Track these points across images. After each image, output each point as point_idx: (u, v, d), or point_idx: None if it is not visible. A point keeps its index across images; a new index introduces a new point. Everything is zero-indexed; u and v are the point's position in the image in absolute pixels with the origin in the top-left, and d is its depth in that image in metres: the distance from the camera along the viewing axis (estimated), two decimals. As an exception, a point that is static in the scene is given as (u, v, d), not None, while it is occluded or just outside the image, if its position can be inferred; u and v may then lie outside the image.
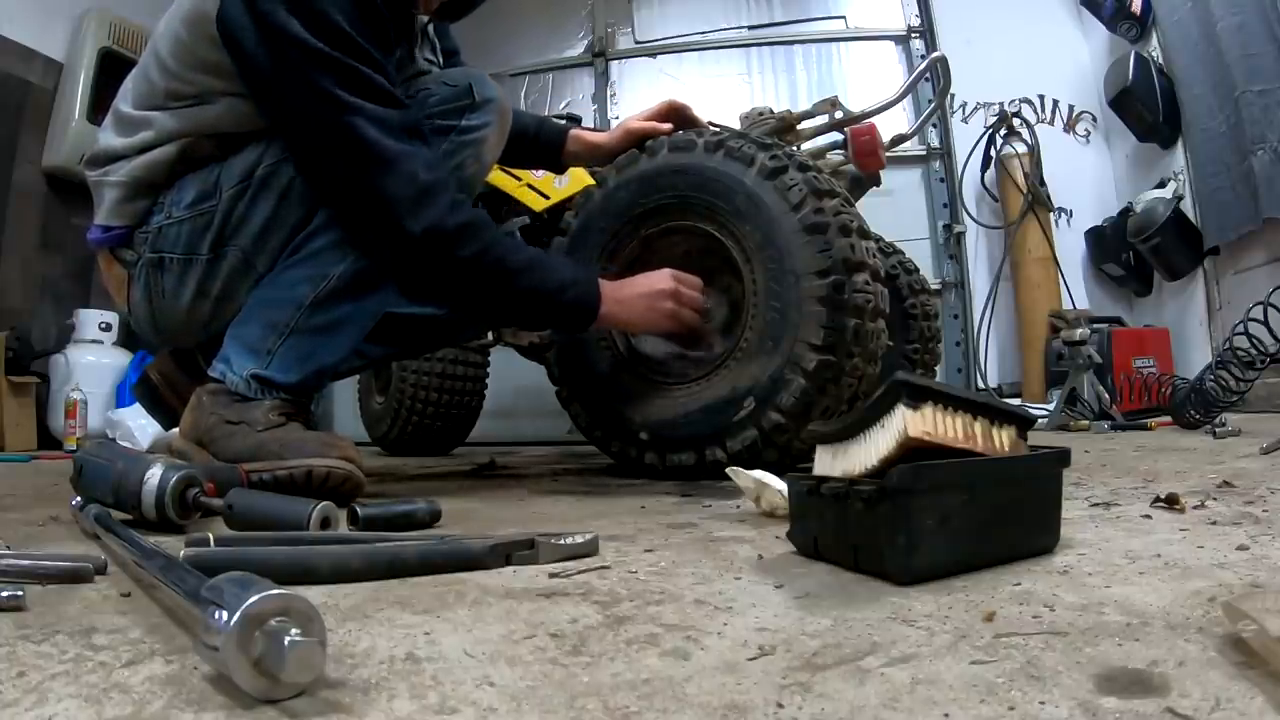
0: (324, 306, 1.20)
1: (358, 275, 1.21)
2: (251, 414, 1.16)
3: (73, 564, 0.63)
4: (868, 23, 4.12)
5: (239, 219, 1.20)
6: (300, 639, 0.37)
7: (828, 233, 1.36)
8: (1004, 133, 3.88)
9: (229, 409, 1.17)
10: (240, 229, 1.21)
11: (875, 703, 0.37)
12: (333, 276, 1.20)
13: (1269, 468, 1.23)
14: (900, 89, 1.95)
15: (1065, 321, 3.38)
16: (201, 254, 1.22)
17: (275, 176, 1.20)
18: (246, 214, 1.20)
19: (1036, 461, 0.68)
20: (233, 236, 1.21)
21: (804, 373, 1.34)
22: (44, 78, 3.28)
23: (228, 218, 1.20)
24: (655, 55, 4.21)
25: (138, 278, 1.26)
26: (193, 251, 1.22)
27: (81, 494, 0.92)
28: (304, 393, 1.24)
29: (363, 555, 0.65)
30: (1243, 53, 2.93)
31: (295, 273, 1.21)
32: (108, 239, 1.27)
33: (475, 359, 2.75)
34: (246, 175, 1.20)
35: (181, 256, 1.22)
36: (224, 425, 1.16)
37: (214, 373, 1.20)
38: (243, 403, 1.18)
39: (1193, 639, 0.43)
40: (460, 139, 1.26)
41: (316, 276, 1.19)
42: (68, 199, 3.38)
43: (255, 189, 1.20)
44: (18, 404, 3.08)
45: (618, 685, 0.40)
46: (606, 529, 0.87)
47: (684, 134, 1.57)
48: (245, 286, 1.24)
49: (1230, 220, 3.12)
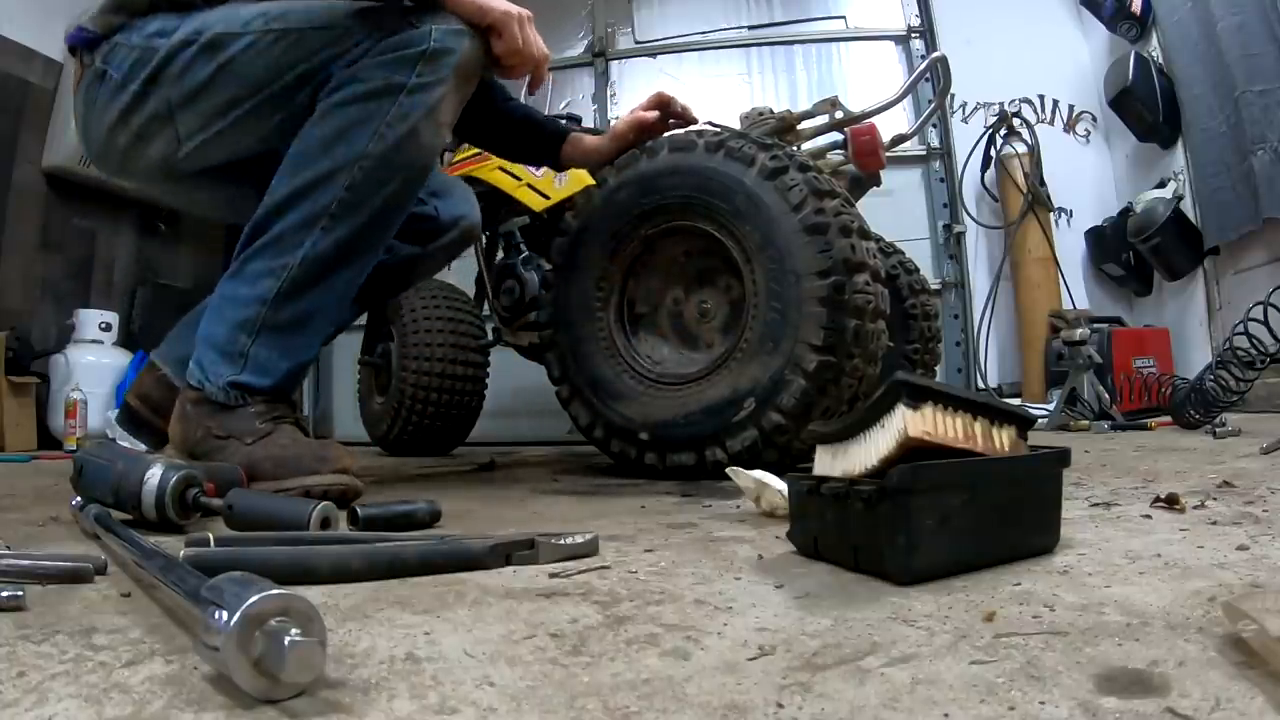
0: (291, 299, 1.18)
1: (320, 259, 1.18)
2: (238, 425, 1.16)
3: (73, 564, 0.63)
4: (868, 23, 4.12)
5: (178, 69, 1.21)
6: (300, 639, 0.37)
7: (828, 233, 1.37)
8: (1004, 133, 3.88)
9: (214, 419, 1.16)
10: (175, 80, 1.21)
11: (875, 703, 0.37)
12: (293, 265, 1.17)
13: (1269, 468, 1.23)
14: (900, 89, 1.95)
15: (1065, 321, 3.38)
16: (134, 85, 1.23)
17: (221, 47, 1.19)
18: (185, 68, 1.20)
19: (1036, 461, 0.68)
20: (165, 82, 1.21)
21: (804, 373, 1.34)
22: (44, 78, 3.28)
23: (167, 63, 1.21)
24: (655, 55, 4.20)
25: (84, 81, 1.28)
26: (129, 79, 1.23)
27: (81, 494, 0.92)
28: (286, 392, 1.23)
29: (363, 555, 0.65)
30: (1243, 53, 2.93)
31: (257, 265, 1.19)
32: (79, 38, 1.29)
33: (475, 359, 2.75)
34: (199, 32, 1.20)
35: (119, 79, 1.24)
36: (213, 439, 1.16)
37: (191, 380, 1.20)
38: (226, 412, 1.16)
39: (1193, 639, 0.43)
40: (410, 99, 1.17)
41: (278, 268, 1.17)
42: (68, 199, 3.38)
43: (199, 49, 1.20)
44: (18, 404, 3.08)
45: (618, 685, 0.40)
46: (606, 529, 0.87)
47: (684, 134, 1.57)
48: (162, 139, 1.25)
49: (1230, 220, 3.12)
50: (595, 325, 1.60)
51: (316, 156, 1.17)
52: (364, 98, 1.16)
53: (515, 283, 2.23)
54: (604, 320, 1.61)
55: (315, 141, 1.18)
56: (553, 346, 1.65)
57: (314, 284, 1.19)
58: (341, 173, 1.16)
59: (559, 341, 1.63)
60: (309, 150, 1.18)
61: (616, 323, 1.63)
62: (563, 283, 1.64)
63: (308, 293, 1.19)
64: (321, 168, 1.16)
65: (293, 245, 1.17)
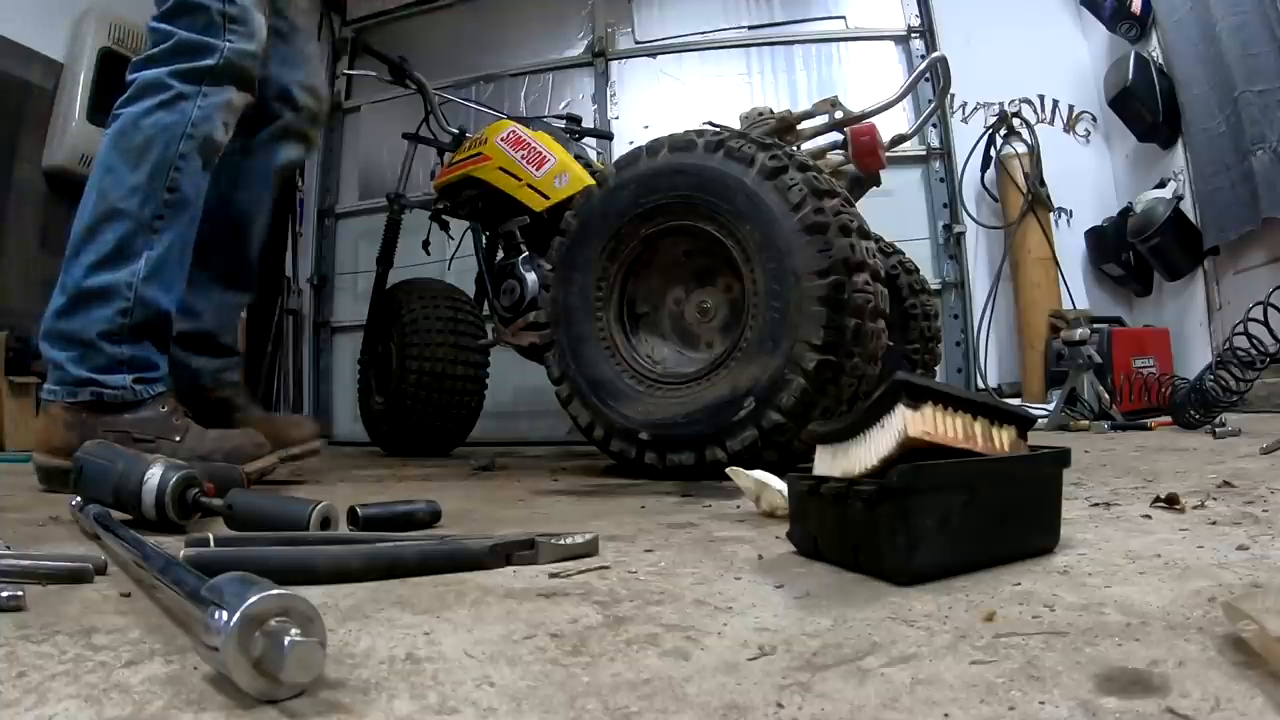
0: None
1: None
2: (151, 422, 1.30)
3: (73, 564, 0.63)
4: (868, 23, 4.12)
5: None
6: (300, 639, 0.37)
7: (828, 233, 1.37)
8: (1004, 133, 3.88)
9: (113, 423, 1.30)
10: None
11: (875, 703, 0.36)
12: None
13: (1269, 468, 1.23)
14: (900, 89, 1.95)
15: (1065, 321, 3.37)
16: None
17: None
18: None
19: (1036, 461, 0.68)
20: None
21: (804, 373, 1.34)
22: (44, 78, 3.27)
23: None
24: (655, 55, 4.20)
25: None
26: None
27: (81, 494, 0.92)
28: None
29: (363, 555, 0.65)
30: (1243, 53, 2.93)
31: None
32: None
33: (475, 359, 2.75)
34: None
35: None
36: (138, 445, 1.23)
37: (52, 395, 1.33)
38: (120, 412, 1.31)
39: (1193, 639, 0.43)
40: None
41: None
42: (68, 199, 3.37)
43: None
44: (18, 404, 3.08)
45: (618, 685, 0.40)
46: (606, 529, 0.87)
47: (684, 133, 1.57)
48: None
49: (1230, 220, 3.12)
50: (595, 325, 1.60)
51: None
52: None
53: (515, 283, 2.23)
54: (604, 320, 1.61)
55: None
56: (553, 346, 1.65)
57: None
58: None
59: (559, 341, 1.63)
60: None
61: (616, 322, 1.63)
62: (563, 283, 1.64)
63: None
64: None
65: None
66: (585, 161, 2.37)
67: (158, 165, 1.33)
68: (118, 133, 1.36)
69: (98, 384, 1.31)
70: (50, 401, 1.35)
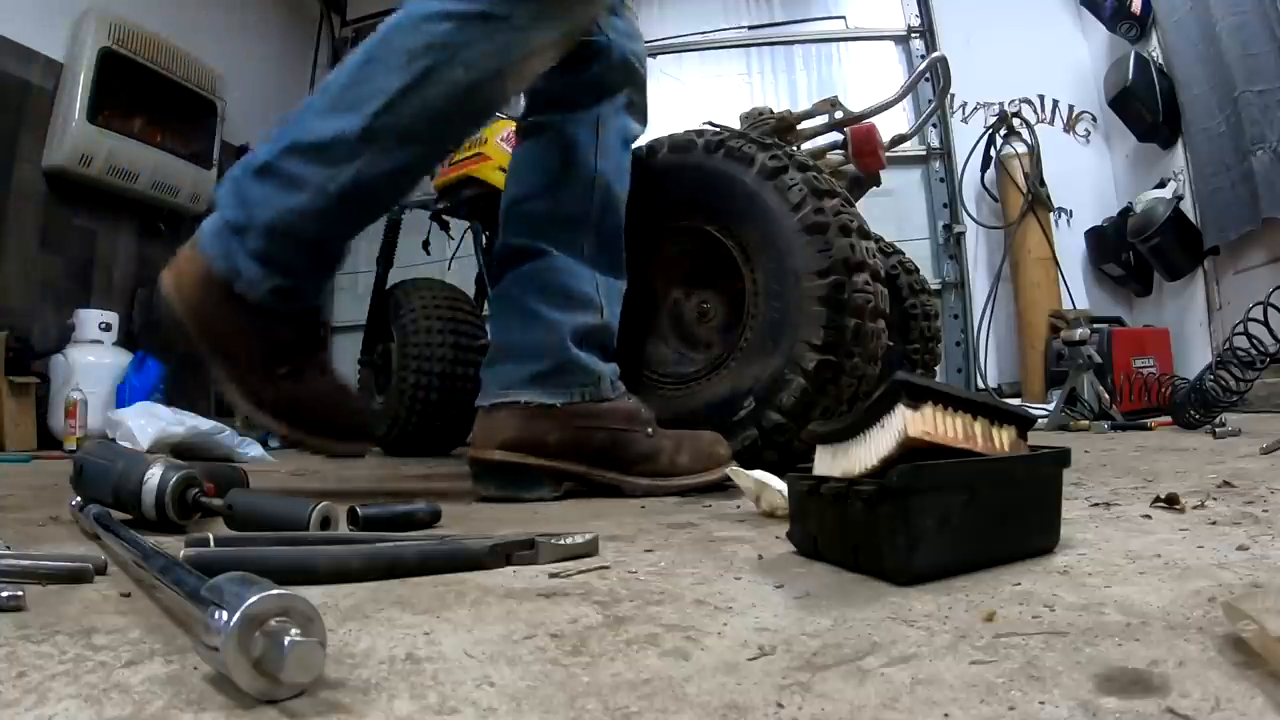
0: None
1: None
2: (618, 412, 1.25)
3: (73, 564, 0.63)
4: (868, 23, 4.13)
5: None
6: (300, 639, 0.37)
7: (828, 233, 1.37)
8: (1004, 133, 3.89)
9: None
10: None
11: (875, 703, 0.36)
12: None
13: (1269, 468, 1.23)
14: (900, 89, 1.96)
15: (1065, 321, 3.38)
16: None
17: None
18: None
19: (1036, 461, 0.68)
20: None
21: (804, 373, 1.34)
22: (44, 78, 3.27)
23: None
24: (655, 55, 4.20)
25: None
26: None
27: (81, 494, 0.92)
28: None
29: (363, 555, 0.65)
30: (1243, 53, 2.93)
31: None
32: None
33: (475, 359, 2.75)
34: None
35: None
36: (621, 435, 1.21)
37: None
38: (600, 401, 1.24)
39: (1193, 639, 0.43)
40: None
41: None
42: (68, 199, 3.38)
43: None
44: (18, 404, 3.08)
45: (618, 685, 0.40)
46: (606, 529, 0.87)
47: (684, 133, 1.57)
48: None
49: (1230, 220, 3.12)
50: (595, 325, 1.60)
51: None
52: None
53: (515, 283, 2.22)
54: (604, 320, 1.61)
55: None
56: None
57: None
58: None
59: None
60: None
61: (616, 323, 1.62)
62: (563, 283, 1.63)
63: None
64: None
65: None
66: (585, 161, 2.36)
67: None
68: None
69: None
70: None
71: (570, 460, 1.22)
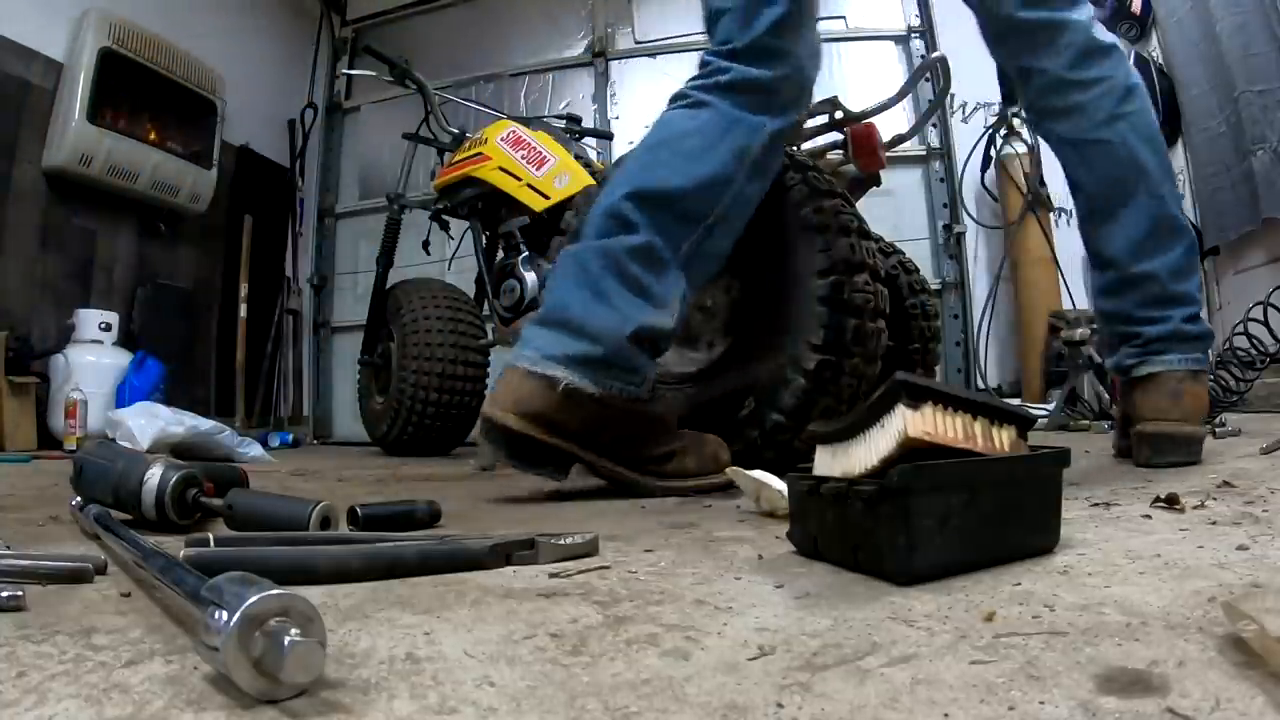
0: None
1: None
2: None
3: (73, 564, 0.63)
4: (868, 23, 4.12)
5: None
6: (300, 639, 0.37)
7: (828, 233, 1.36)
8: (1004, 133, 3.88)
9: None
10: None
11: (875, 703, 0.36)
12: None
13: (1269, 468, 1.23)
14: (900, 89, 1.95)
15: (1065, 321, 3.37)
16: None
17: None
18: None
19: (1036, 461, 0.68)
20: None
21: (804, 373, 1.34)
22: (44, 78, 3.27)
23: None
24: (655, 55, 4.20)
25: None
26: None
27: (81, 494, 0.92)
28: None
29: (363, 555, 0.65)
30: (1243, 53, 2.93)
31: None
32: None
33: (475, 359, 2.75)
34: None
35: None
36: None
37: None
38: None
39: (1193, 639, 0.43)
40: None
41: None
42: (68, 199, 3.37)
43: None
44: (18, 404, 3.07)
45: (618, 685, 0.40)
46: (606, 529, 0.87)
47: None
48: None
49: (1230, 220, 3.12)
50: (595, 325, 1.60)
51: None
52: None
53: (515, 283, 2.23)
54: (604, 320, 1.61)
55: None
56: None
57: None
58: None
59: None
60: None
61: (616, 323, 1.62)
62: (563, 283, 1.63)
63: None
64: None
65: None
66: (585, 161, 2.37)
67: None
68: None
69: None
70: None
71: (585, 447, 1.20)
